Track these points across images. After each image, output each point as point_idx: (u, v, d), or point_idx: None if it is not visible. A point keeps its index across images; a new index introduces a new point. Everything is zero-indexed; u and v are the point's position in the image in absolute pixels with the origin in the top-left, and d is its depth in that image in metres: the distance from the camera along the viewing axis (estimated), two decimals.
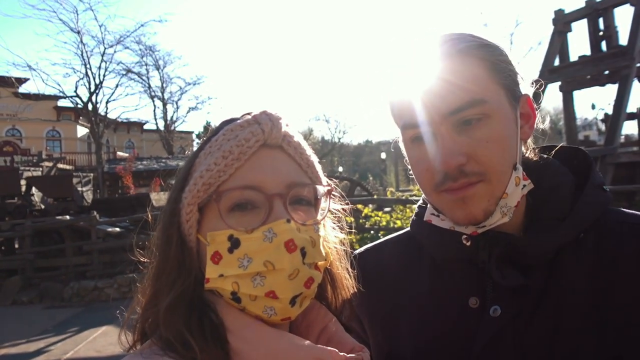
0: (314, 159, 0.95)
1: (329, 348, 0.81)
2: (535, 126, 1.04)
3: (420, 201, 1.17)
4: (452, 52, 0.93)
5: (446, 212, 1.00)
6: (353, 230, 1.05)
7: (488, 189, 0.93)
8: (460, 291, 1.02)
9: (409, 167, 1.05)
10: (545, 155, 1.08)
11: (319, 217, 0.92)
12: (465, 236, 1.00)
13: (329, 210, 0.95)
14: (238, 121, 0.90)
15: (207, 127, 0.98)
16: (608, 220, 0.98)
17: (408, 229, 1.21)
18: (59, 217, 13.60)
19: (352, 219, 1.04)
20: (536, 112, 1.03)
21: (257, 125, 0.87)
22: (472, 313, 0.99)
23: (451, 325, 1.01)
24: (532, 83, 1.05)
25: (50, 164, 24.32)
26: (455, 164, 0.90)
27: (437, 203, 1.01)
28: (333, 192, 0.96)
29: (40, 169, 22.65)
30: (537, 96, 1.05)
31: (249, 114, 0.92)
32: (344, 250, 1.02)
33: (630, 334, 0.87)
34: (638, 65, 14.89)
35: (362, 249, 1.27)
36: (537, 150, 1.10)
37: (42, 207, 16.48)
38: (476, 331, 0.97)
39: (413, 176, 1.04)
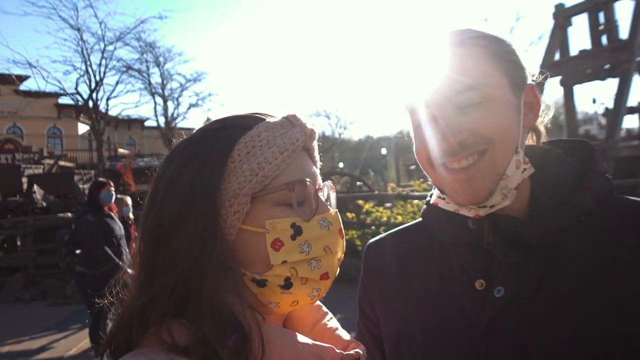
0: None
1: (327, 345, 0.84)
2: (540, 115, 1.09)
3: (432, 189, 1.22)
4: (455, 42, 1.00)
5: (448, 193, 1.05)
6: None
7: (490, 164, 0.98)
8: (467, 274, 1.06)
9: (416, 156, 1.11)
10: (549, 146, 1.13)
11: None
12: (470, 220, 1.05)
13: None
14: (276, 120, 0.94)
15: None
16: (609, 205, 1.02)
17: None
18: (61, 215, 13.62)
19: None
20: (541, 101, 1.08)
21: (299, 128, 0.94)
22: (478, 295, 1.02)
23: (458, 307, 1.04)
24: (538, 75, 1.09)
25: (52, 162, 24.34)
26: (455, 141, 0.96)
27: (436, 180, 1.07)
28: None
29: (42, 166, 22.68)
30: (539, 87, 1.09)
31: (268, 115, 0.96)
32: None
33: (631, 311, 0.90)
34: (638, 59, 14.85)
35: (378, 237, 1.33)
36: (541, 143, 1.14)
37: (44, 204, 16.50)
38: (482, 312, 1.00)
39: (417, 165, 1.10)
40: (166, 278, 0.82)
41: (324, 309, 1.02)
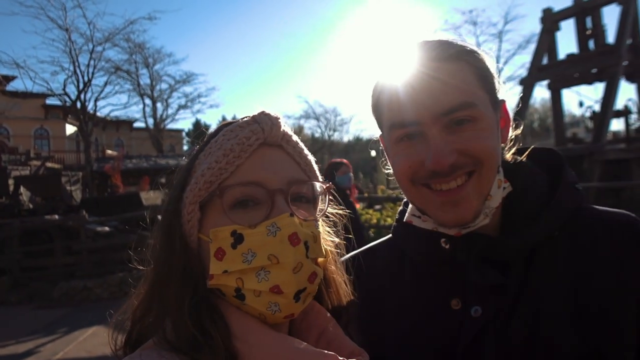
0: (311, 158, 0.97)
1: (330, 352, 0.80)
2: (510, 131, 1.08)
3: (402, 205, 1.19)
4: (444, 56, 0.95)
5: (432, 213, 1.01)
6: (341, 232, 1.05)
7: (477, 185, 0.96)
8: (442, 293, 1.03)
9: (390, 170, 1.07)
10: (519, 157, 1.11)
11: (318, 214, 0.93)
12: (444, 239, 1.02)
13: (326, 212, 0.96)
14: (237, 122, 0.92)
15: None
16: (582, 217, 1.01)
17: None
18: (48, 217, 13.46)
19: (345, 220, 1.04)
20: (510, 117, 1.07)
21: (257, 124, 0.89)
22: (454, 314, 1.00)
23: (434, 327, 1.02)
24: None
25: (39, 163, 24.06)
26: (447, 163, 0.93)
27: (417, 199, 1.03)
28: (331, 190, 0.97)
29: (29, 167, 22.40)
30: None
31: (246, 117, 0.94)
32: (339, 253, 1.03)
33: (606, 324, 0.90)
34: (625, 63, 15.04)
35: (351, 253, 1.28)
36: (510, 152, 1.12)
37: (31, 206, 16.31)
38: (459, 332, 0.98)
39: (393, 177, 1.05)
40: (155, 281, 0.87)
41: (329, 315, 0.96)
